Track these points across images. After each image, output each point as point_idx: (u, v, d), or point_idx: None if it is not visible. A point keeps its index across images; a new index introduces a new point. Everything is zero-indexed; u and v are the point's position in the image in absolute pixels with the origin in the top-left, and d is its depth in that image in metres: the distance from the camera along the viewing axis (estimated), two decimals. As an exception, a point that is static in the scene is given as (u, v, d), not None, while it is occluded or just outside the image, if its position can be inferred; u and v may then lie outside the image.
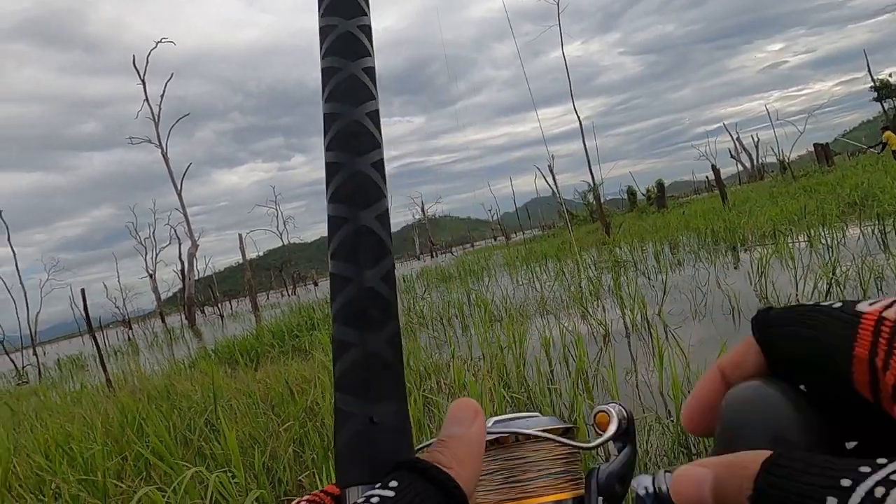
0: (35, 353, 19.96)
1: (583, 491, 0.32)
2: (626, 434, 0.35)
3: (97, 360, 7.88)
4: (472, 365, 4.63)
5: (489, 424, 0.33)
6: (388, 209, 0.32)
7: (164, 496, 2.01)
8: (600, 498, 0.32)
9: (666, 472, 0.26)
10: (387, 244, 0.31)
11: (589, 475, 0.33)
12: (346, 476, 0.27)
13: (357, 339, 0.28)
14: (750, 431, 0.22)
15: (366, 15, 0.35)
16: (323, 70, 0.34)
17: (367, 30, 0.35)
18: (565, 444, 0.34)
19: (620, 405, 0.36)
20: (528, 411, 0.38)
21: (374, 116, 0.33)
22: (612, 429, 0.34)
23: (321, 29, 0.35)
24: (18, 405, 7.36)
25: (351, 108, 0.32)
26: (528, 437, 0.33)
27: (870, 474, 0.17)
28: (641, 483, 0.27)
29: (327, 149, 0.32)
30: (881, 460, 0.18)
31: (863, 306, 0.21)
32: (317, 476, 2.11)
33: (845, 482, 0.17)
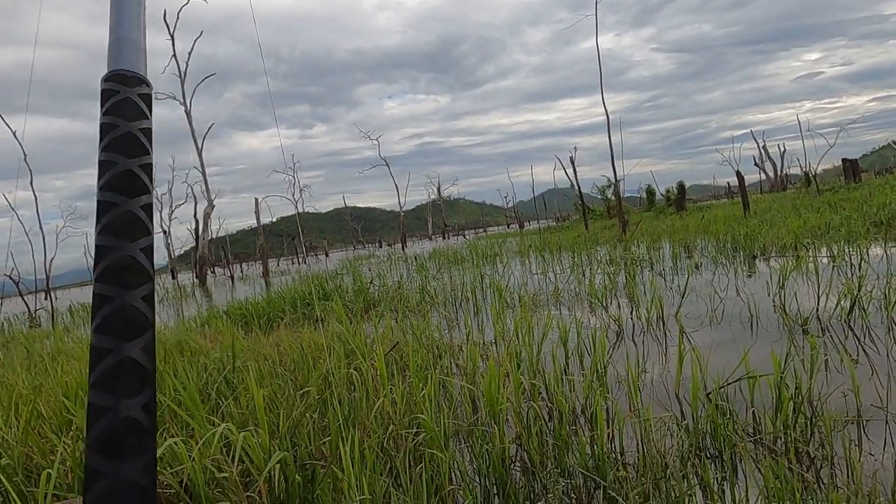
0: (48, 298, 20.26)
1: None
2: None
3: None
4: (485, 348, 4.64)
5: None
6: (152, 292, 0.34)
7: (187, 449, 2.04)
8: None
9: None
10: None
11: None
12: None
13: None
14: None
15: (147, 119, 0.35)
16: (100, 162, 0.36)
17: (147, 132, 0.37)
18: None
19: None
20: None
21: (148, 209, 0.35)
22: None
23: (101, 126, 0.37)
24: (33, 347, 7.50)
25: (126, 200, 0.34)
26: None
27: None
28: None
29: (98, 233, 0.35)
30: None
31: None
32: (339, 445, 2.12)
33: None
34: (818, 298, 5.04)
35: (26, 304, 17.82)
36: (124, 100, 0.37)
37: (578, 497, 2.28)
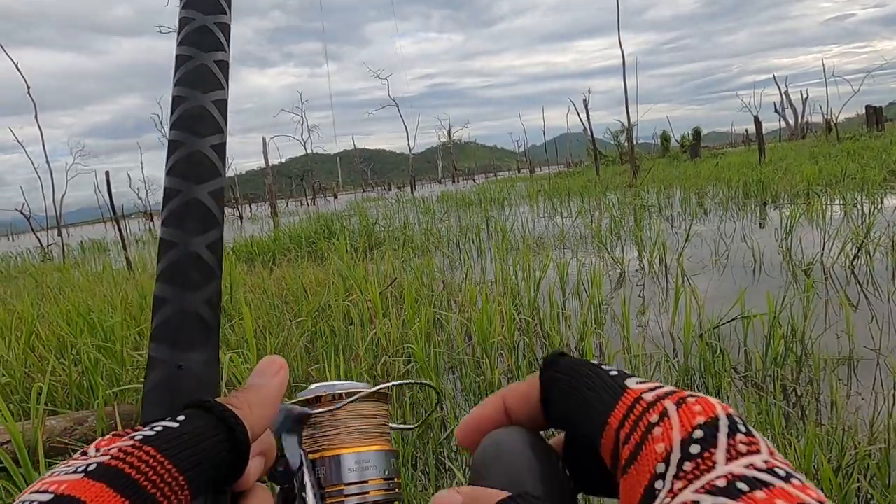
0: (60, 234, 20.52)
1: (390, 446, 0.36)
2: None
3: (119, 244, 8.07)
4: (484, 287, 4.66)
5: (311, 387, 0.36)
6: (223, 188, 0.35)
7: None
8: None
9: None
10: (217, 217, 0.34)
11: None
12: (149, 416, 0.29)
13: (174, 297, 0.31)
14: (494, 473, 0.26)
15: (224, 13, 0.39)
16: (177, 57, 0.37)
17: (224, 28, 0.38)
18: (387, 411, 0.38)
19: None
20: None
21: (221, 106, 0.36)
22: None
23: (180, 20, 0.38)
24: (42, 278, 7.64)
25: (199, 95, 0.36)
26: (346, 395, 0.36)
27: None
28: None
29: (171, 128, 0.35)
30: None
31: (630, 382, 0.24)
32: (326, 370, 2.16)
33: None
34: (824, 245, 4.98)
35: (38, 240, 18.07)
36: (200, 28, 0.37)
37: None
